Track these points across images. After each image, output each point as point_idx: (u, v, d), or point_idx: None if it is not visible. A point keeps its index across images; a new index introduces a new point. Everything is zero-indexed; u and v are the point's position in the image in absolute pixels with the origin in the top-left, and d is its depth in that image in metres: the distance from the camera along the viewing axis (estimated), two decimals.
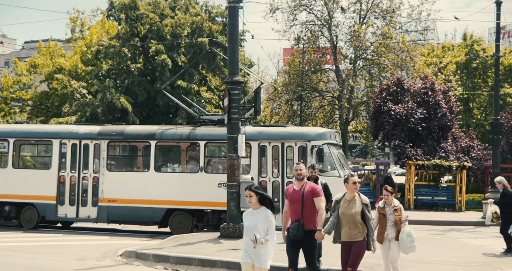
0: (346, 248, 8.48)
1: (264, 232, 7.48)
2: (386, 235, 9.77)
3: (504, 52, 38.77)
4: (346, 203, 8.45)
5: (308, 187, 8.68)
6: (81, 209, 17.78)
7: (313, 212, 8.58)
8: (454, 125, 30.18)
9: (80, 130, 18.34)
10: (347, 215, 8.37)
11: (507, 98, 37.36)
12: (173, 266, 11.81)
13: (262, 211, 7.62)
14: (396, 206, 9.77)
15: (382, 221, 9.77)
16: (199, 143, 17.49)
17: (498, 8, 25.38)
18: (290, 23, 36.46)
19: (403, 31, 36.71)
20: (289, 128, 18.68)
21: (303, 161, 16.62)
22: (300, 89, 36.63)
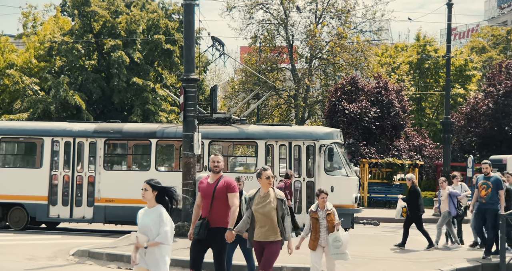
0: (259, 249, 7.75)
1: (156, 233, 6.62)
2: (319, 241, 9.09)
3: (455, 53, 39.74)
4: (259, 200, 7.71)
5: (223, 181, 7.99)
6: (75, 209, 17.18)
7: (225, 208, 7.93)
8: (406, 124, 30.79)
9: (74, 128, 17.71)
10: (261, 212, 7.64)
11: (458, 98, 38.33)
12: (127, 265, 11.67)
13: (157, 210, 6.73)
14: (329, 210, 9.10)
15: (315, 225, 9.10)
16: (203, 141, 16.99)
17: (449, 9, 26.01)
18: (246, 21, 36.56)
19: (357, 31, 37.24)
20: (296, 127, 18.53)
21: (311, 160, 16.69)
22: (257, 88, 36.68)
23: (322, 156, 16.54)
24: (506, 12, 77.97)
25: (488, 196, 11.80)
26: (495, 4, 79.72)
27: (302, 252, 12.34)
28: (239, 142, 18.49)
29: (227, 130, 17.33)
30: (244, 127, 17.66)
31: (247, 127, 17.77)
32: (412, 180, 13.77)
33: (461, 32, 76.76)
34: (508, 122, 29.83)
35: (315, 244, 9.07)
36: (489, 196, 11.79)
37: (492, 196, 11.79)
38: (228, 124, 17.62)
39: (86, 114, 28.35)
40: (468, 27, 75.65)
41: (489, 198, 11.79)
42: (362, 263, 11.35)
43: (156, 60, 31.95)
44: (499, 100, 30.53)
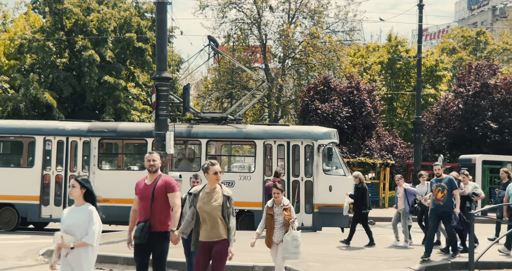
0: (204, 250, 7.12)
1: (84, 233, 6.23)
2: (274, 238, 8.82)
3: (426, 53, 40.24)
4: (205, 196, 7.16)
5: (162, 181, 7.50)
6: None
7: (165, 211, 7.46)
8: (378, 124, 31.09)
9: (67, 127, 17.44)
10: (206, 210, 7.08)
11: (429, 98, 38.81)
12: (97, 265, 11.55)
13: (85, 208, 6.33)
14: (285, 205, 8.83)
15: (270, 222, 8.80)
16: (200, 140, 17.12)
17: (420, 10, 26.36)
18: (220, 20, 36.53)
19: (330, 31, 37.48)
20: (294, 127, 18.53)
21: (310, 159, 16.71)
22: (230, 87, 36.72)
23: (321, 155, 16.68)
24: (476, 14, 79.26)
25: (444, 198, 11.55)
26: (465, 6, 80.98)
27: None
28: (237, 141, 18.47)
29: (225, 130, 17.31)
30: (241, 127, 17.70)
31: (244, 127, 17.82)
32: (359, 177, 13.89)
33: (432, 33, 77.79)
34: (477, 122, 30.31)
35: (270, 241, 8.85)
36: (445, 197, 11.56)
37: (449, 197, 11.57)
38: (224, 124, 17.63)
39: (57, 112, 27.99)
40: (439, 28, 76.74)
41: (446, 199, 11.56)
42: (332, 261, 11.44)
43: (128, 58, 31.71)
44: (469, 101, 31.01)
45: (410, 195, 13.90)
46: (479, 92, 31.00)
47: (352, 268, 10.94)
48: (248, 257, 11.40)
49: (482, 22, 76.64)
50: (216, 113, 18.37)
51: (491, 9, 76.11)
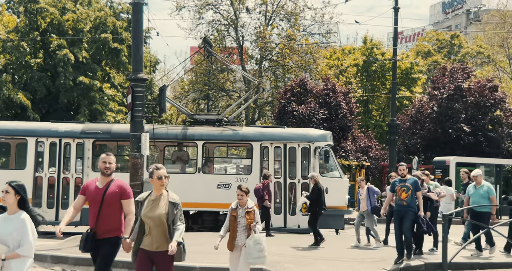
0: (145, 258, 6.64)
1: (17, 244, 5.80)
2: (236, 241, 8.55)
3: (402, 56, 40.64)
4: (150, 203, 6.74)
5: (115, 186, 7.07)
6: (62, 212, 16.76)
7: (116, 217, 7.01)
8: (354, 126, 31.30)
9: (60, 128, 17.22)
10: (151, 217, 6.63)
11: (404, 100, 39.18)
12: (72, 267, 11.47)
13: (19, 217, 5.92)
14: (249, 208, 8.56)
15: (233, 224, 8.55)
16: (197, 142, 17.02)
17: (396, 13, 26.62)
18: (196, 21, 36.46)
19: (306, 33, 37.64)
20: (290, 129, 18.58)
21: (306, 162, 16.76)
22: (207, 88, 36.65)
23: (317, 157, 16.74)
24: (450, 17, 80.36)
25: (408, 198, 11.44)
26: (440, 9, 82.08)
27: None
28: (234, 143, 18.44)
29: (222, 132, 17.29)
30: (238, 129, 17.74)
31: (241, 129, 17.87)
32: (315, 178, 13.99)
33: (407, 36, 78.64)
34: (451, 125, 30.69)
35: (233, 244, 8.56)
36: (409, 198, 11.44)
37: (412, 198, 11.49)
38: (219, 126, 17.60)
39: (32, 113, 27.65)
40: (414, 31, 77.63)
41: (410, 200, 11.45)
42: (307, 263, 11.48)
43: (103, 59, 31.45)
44: (443, 103, 31.38)
45: (373, 194, 13.95)
46: (453, 95, 31.40)
47: (325, 269, 10.99)
48: (225, 259, 11.37)
49: (457, 25, 77.75)
50: (211, 115, 18.34)
51: (465, 13, 77.24)
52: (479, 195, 12.69)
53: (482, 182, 12.81)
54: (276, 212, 16.54)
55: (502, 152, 30.81)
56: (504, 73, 52.61)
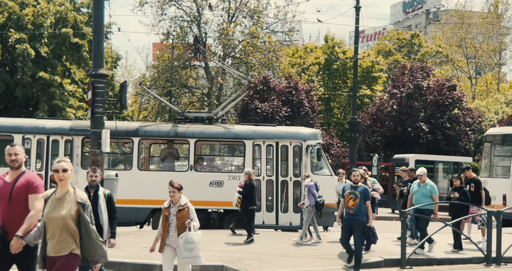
0: (51, 266, 5.85)
1: None
2: (170, 241, 8.04)
3: (363, 55, 41.12)
4: (54, 202, 5.92)
5: (24, 179, 6.34)
6: None
7: (26, 214, 6.21)
8: (316, 123, 31.54)
9: (48, 125, 16.73)
10: (54, 218, 5.83)
11: (365, 99, 39.67)
12: None
13: None
14: (182, 205, 8.01)
15: (164, 223, 8.01)
16: (189, 140, 16.85)
17: (357, 12, 26.91)
18: (159, 17, 36.17)
19: (269, 31, 37.75)
20: (282, 127, 18.56)
21: (298, 159, 16.75)
22: (169, 85, 36.40)
23: (309, 156, 16.83)
24: (410, 17, 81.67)
25: (356, 207, 10.71)
26: (400, 9, 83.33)
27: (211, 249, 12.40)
28: (226, 141, 18.30)
29: (214, 130, 17.19)
30: (230, 127, 17.72)
31: (233, 127, 17.85)
32: (249, 174, 14.05)
33: (368, 35, 79.59)
34: (410, 123, 31.20)
35: (161, 245, 8.01)
36: (356, 206, 10.72)
37: (360, 206, 10.74)
38: (209, 124, 17.57)
39: None
40: (375, 30, 78.61)
41: (357, 208, 10.73)
42: (269, 259, 11.53)
43: (64, 54, 30.91)
44: (403, 102, 31.88)
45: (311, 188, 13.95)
46: (413, 94, 31.93)
47: (287, 266, 11.06)
48: None
49: (417, 25, 79.07)
50: (202, 113, 18.25)
51: (425, 12, 78.63)
52: (422, 193, 12.76)
53: (426, 181, 12.88)
54: (268, 210, 16.63)
55: (459, 149, 31.50)
56: (462, 73, 53.81)
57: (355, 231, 10.76)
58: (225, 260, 11.04)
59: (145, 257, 11.20)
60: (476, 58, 51.86)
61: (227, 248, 12.69)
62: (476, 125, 33.24)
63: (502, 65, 54.80)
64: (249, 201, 14.00)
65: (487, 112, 38.89)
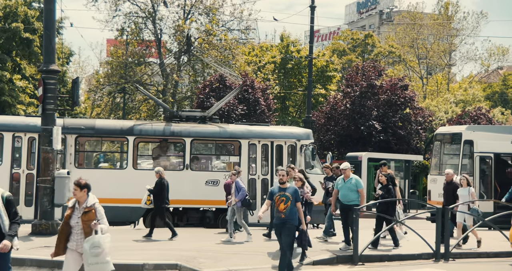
0: None
1: None
2: (76, 246, 7.21)
3: (318, 54, 41.51)
4: None
5: None
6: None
7: None
8: (271, 122, 31.70)
9: (39, 123, 16.05)
10: None
11: (319, 97, 40.08)
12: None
13: None
14: (88, 207, 7.18)
15: (63, 226, 7.21)
16: (184, 139, 16.72)
17: (312, 12, 27.16)
18: (113, 13, 35.66)
19: (225, 29, 37.70)
20: (276, 127, 18.71)
21: (292, 159, 16.92)
22: (123, 82, 35.95)
23: (303, 155, 17.07)
24: (364, 17, 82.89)
25: (287, 210, 9.63)
26: (354, 9, 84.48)
27: (165, 248, 12.34)
28: (222, 140, 18.24)
29: (210, 129, 17.18)
30: (225, 126, 17.81)
31: (228, 126, 17.95)
32: (160, 173, 14.10)
33: (323, 34, 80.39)
34: (363, 122, 31.69)
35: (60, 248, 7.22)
36: (288, 209, 9.64)
37: (292, 209, 9.69)
38: (203, 123, 17.54)
39: None
40: (330, 30, 79.46)
41: (289, 212, 9.65)
42: (223, 258, 11.52)
43: (14, 49, 30.14)
44: (356, 101, 32.35)
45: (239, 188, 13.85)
46: (366, 93, 32.43)
47: (241, 264, 11.08)
48: (139, 255, 11.27)
49: (370, 25, 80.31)
50: (195, 112, 18.18)
51: (378, 13, 79.94)
52: (347, 188, 12.58)
53: (350, 175, 12.69)
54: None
55: (411, 148, 32.18)
56: (414, 73, 55.00)
57: (284, 234, 9.63)
58: (179, 259, 10.99)
59: None
60: (427, 58, 53.09)
61: (181, 246, 12.64)
62: (427, 125, 34.03)
63: (452, 66, 56.26)
64: (159, 200, 13.96)
65: (437, 111, 39.90)
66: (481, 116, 34.98)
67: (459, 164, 20.08)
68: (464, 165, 20.02)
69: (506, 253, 13.10)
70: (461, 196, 13.71)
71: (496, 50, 54.26)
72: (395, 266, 11.81)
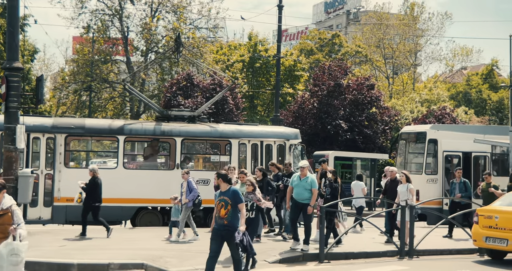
0: None
1: None
2: None
3: (285, 53, 41.67)
4: None
5: None
6: (30, 209, 15.53)
7: None
8: (240, 120, 31.72)
9: (28, 122, 15.56)
10: None
11: (287, 97, 40.26)
12: None
13: None
14: (5, 209, 6.54)
15: None
16: (175, 139, 16.66)
17: (280, 11, 27.25)
18: (78, 10, 35.20)
19: (193, 27, 37.56)
20: (265, 127, 18.84)
21: (282, 158, 17.08)
22: (89, 79, 35.52)
23: (292, 154, 17.29)
24: (332, 17, 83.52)
25: (229, 215, 8.88)
26: (322, 9, 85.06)
27: (131, 247, 12.26)
28: (212, 140, 18.31)
29: (200, 129, 17.21)
30: (215, 126, 17.88)
31: (218, 126, 18.00)
32: (93, 171, 14.06)
33: (291, 33, 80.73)
34: (330, 121, 31.95)
35: None
36: (230, 214, 8.89)
37: (234, 213, 8.92)
38: (195, 122, 17.56)
39: None
40: (298, 29, 79.83)
41: (231, 217, 8.91)
42: (189, 257, 11.49)
43: None
44: (323, 100, 32.59)
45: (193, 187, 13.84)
46: (333, 92, 32.69)
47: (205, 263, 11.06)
48: (104, 255, 11.16)
49: (338, 25, 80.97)
50: (185, 112, 18.20)
51: (346, 13, 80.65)
52: (302, 186, 12.42)
53: (307, 174, 12.52)
54: None
55: (377, 147, 32.57)
56: (380, 73, 55.66)
57: (231, 243, 9.01)
58: (145, 258, 10.92)
59: (62, 256, 10.94)
60: (393, 58, 53.76)
61: (147, 246, 12.56)
62: (393, 124, 34.49)
63: (418, 65, 57.09)
64: (92, 198, 13.92)
65: (403, 111, 40.45)
66: (446, 115, 35.61)
67: (423, 163, 20.41)
68: (428, 163, 20.36)
69: (468, 250, 13.40)
70: (400, 192, 13.77)
71: (460, 51, 55.33)
72: (361, 263, 11.94)
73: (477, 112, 48.55)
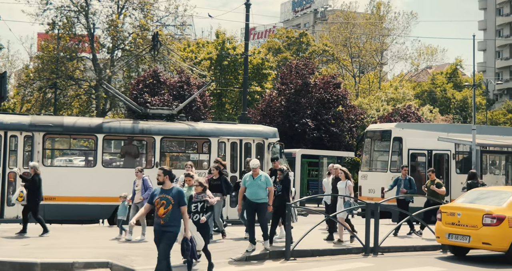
0: None
1: None
2: None
3: (253, 52, 41.70)
4: None
5: None
6: (7, 208, 15.26)
7: None
8: (207, 118, 31.66)
9: (5, 120, 15.51)
10: None
11: (255, 95, 40.32)
12: None
13: None
14: None
15: None
16: (154, 137, 16.54)
17: (247, 9, 27.24)
18: (43, 7, 34.64)
19: (160, 24, 37.31)
20: (244, 125, 18.93)
21: (260, 156, 17.14)
22: (54, 77, 34.99)
23: (270, 152, 17.45)
24: (299, 16, 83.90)
25: (167, 216, 8.35)
26: (290, 7, 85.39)
27: (96, 246, 12.14)
28: (191, 138, 18.18)
29: (179, 127, 17.12)
30: (194, 124, 17.84)
31: (197, 124, 18.00)
32: (34, 169, 13.92)
33: (259, 32, 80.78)
34: (297, 119, 32.13)
35: None
36: (169, 215, 8.36)
37: (173, 214, 8.38)
38: (174, 121, 17.47)
39: None
40: (266, 28, 79.91)
41: (169, 217, 8.37)
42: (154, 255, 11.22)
43: None
44: (291, 99, 32.75)
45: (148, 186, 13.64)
46: (300, 91, 32.87)
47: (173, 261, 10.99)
48: (69, 253, 11.03)
49: (305, 24, 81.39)
50: (164, 110, 18.08)
51: (313, 12, 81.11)
52: (257, 185, 12.20)
53: (259, 173, 12.30)
54: (232, 205, 16.78)
55: (343, 145, 32.88)
56: (347, 71, 56.15)
57: (162, 242, 8.45)
58: (110, 257, 10.82)
59: (25, 255, 10.77)
60: (360, 57, 54.29)
61: (112, 244, 12.46)
62: (359, 122, 34.86)
63: (384, 64, 57.79)
64: (33, 195, 13.77)
65: (369, 109, 40.92)
66: (411, 114, 36.14)
67: (388, 161, 20.66)
68: (393, 161, 20.62)
69: (432, 247, 13.63)
70: (340, 189, 13.75)
71: (425, 50, 56.17)
72: (326, 260, 12.05)
73: (441, 111, 49.40)
